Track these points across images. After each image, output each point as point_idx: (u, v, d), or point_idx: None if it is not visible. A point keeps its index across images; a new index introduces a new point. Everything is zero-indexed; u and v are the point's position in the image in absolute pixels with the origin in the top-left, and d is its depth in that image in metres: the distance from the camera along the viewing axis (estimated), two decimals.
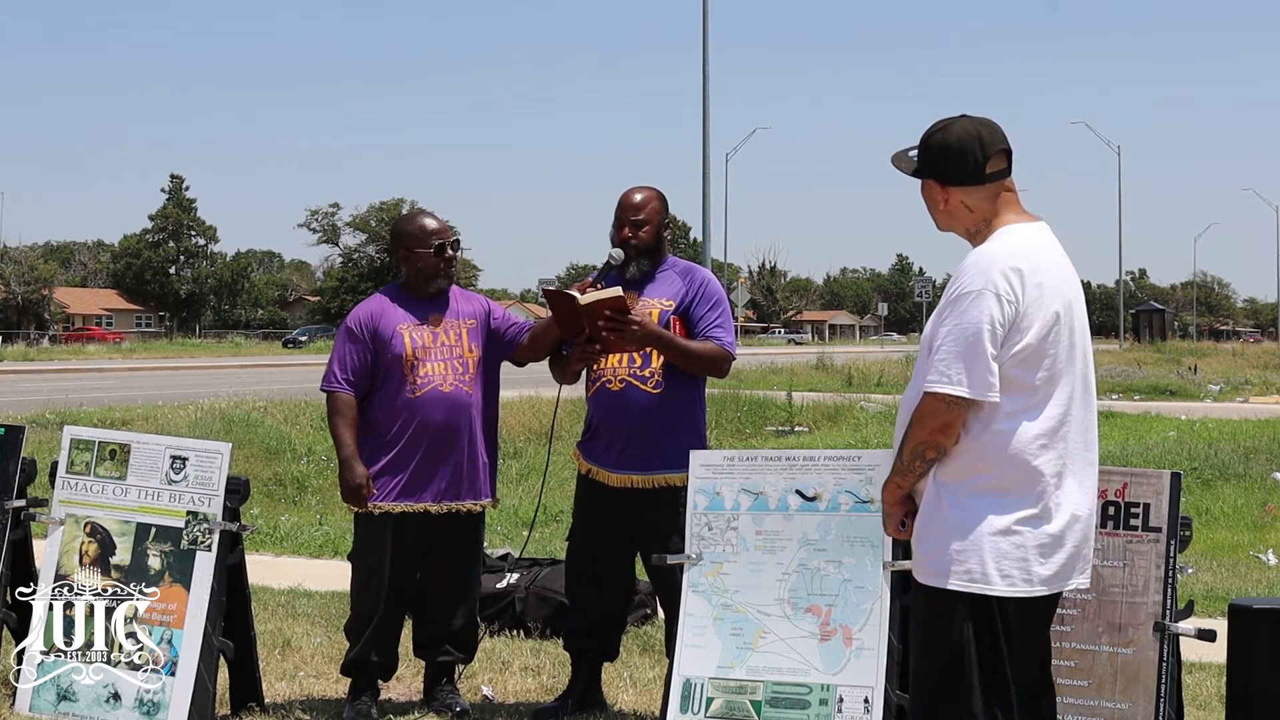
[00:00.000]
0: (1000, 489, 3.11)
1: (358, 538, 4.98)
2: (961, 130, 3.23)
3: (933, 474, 3.17)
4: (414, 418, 4.83)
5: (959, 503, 3.12)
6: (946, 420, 3.09)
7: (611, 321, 4.63)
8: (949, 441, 3.11)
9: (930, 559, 3.17)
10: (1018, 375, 3.10)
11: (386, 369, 4.87)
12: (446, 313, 4.98)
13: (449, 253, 4.99)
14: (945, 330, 3.10)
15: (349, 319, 4.99)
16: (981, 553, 3.09)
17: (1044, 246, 3.22)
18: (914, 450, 3.16)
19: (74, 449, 5.00)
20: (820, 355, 31.89)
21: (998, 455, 3.10)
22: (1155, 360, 36.69)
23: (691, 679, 4.32)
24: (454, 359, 4.91)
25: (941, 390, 3.07)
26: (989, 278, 3.08)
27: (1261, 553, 8.50)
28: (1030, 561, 3.11)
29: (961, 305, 3.09)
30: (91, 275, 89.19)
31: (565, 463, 12.43)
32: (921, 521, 3.22)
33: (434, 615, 5.01)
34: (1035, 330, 3.10)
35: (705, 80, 29.60)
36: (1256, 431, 14.80)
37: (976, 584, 3.10)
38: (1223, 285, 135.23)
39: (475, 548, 5.05)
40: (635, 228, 4.85)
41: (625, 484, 4.78)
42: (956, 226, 3.30)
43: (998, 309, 3.07)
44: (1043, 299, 3.12)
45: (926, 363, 3.16)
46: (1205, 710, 4.97)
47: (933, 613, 3.19)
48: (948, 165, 3.23)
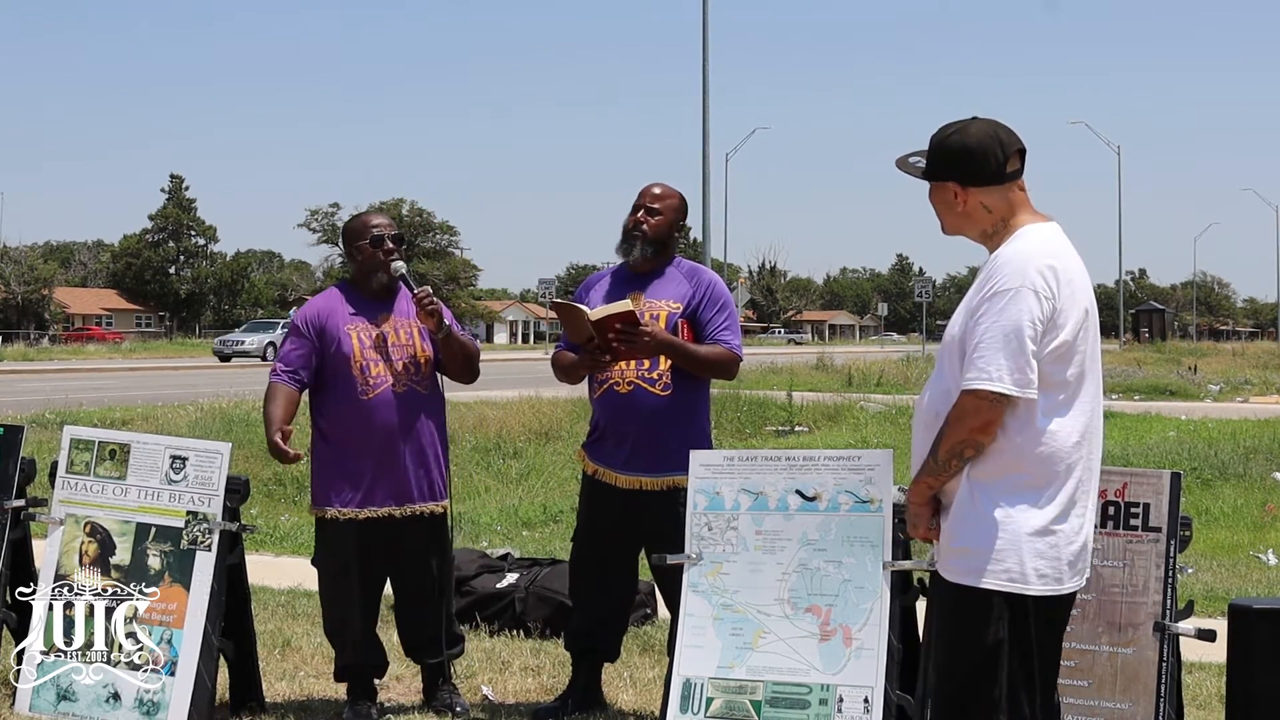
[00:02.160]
0: (1037, 488, 3.11)
1: (320, 544, 4.95)
2: (980, 131, 3.24)
3: (965, 473, 3.15)
4: (368, 421, 4.79)
5: (995, 501, 3.11)
6: (988, 418, 3.08)
7: (623, 334, 4.63)
8: (988, 440, 3.10)
9: (964, 558, 3.15)
10: (1052, 372, 3.10)
11: (335, 369, 4.83)
12: (395, 312, 4.95)
13: (387, 245, 4.92)
14: (984, 328, 3.09)
15: (296, 316, 4.99)
16: (1020, 552, 3.09)
17: (1066, 246, 3.24)
18: (951, 449, 3.13)
19: (74, 449, 4.99)
20: (820, 355, 31.89)
21: (1033, 454, 3.10)
22: (1155, 360, 36.70)
23: (691, 679, 4.32)
24: (407, 359, 4.88)
25: (983, 387, 3.05)
26: (1026, 275, 3.09)
27: (1261, 553, 8.49)
28: (1062, 560, 3.12)
29: (1000, 303, 3.09)
30: (91, 275, 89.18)
31: (565, 463, 12.51)
32: (954, 520, 3.19)
33: (414, 619, 5.00)
34: (1070, 327, 3.11)
35: (705, 80, 29.63)
36: (1256, 431, 14.79)
37: (1015, 584, 3.09)
38: (1223, 285, 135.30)
39: (443, 547, 5.02)
40: (649, 214, 4.87)
41: (634, 486, 4.77)
42: (971, 228, 3.29)
43: (1037, 306, 3.07)
44: (1074, 296, 3.14)
45: (955, 362, 3.15)
46: (1205, 710, 4.96)
47: (965, 612, 3.16)
48: (970, 166, 3.22)
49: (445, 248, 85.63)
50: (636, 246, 4.85)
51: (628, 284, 4.90)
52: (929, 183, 3.31)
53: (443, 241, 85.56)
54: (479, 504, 10.81)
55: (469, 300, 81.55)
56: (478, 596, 6.32)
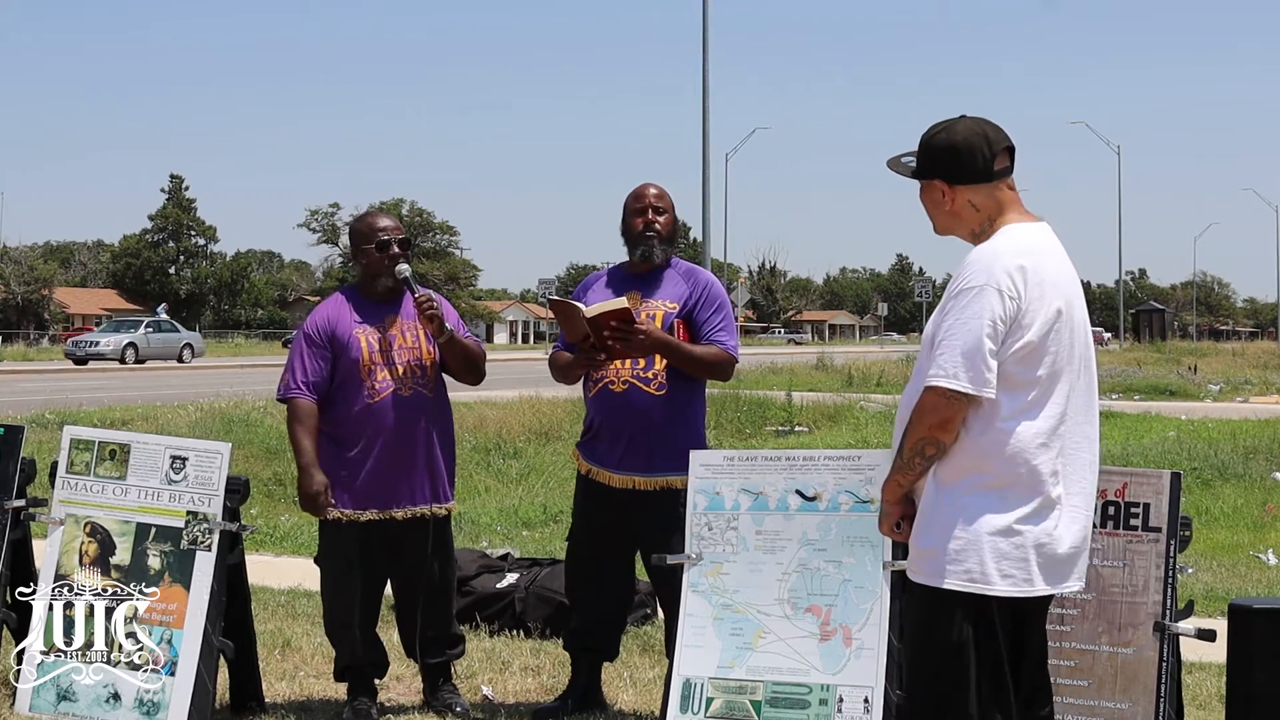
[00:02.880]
0: (1000, 488, 3.10)
1: (324, 544, 4.95)
2: (966, 129, 3.24)
3: (932, 473, 3.16)
4: (374, 424, 4.79)
5: (957, 502, 3.12)
6: (946, 416, 3.08)
7: (618, 332, 4.63)
8: (948, 438, 3.11)
9: (927, 558, 3.17)
10: (1018, 372, 3.09)
11: (344, 374, 4.83)
12: (401, 314, 4.95)
13: (393, 250, 4.92)
14: (947, 325, 3.10)
15: (307, 324, 4.94)
16: (981, 552, 3.09)
17: (1046, 245, 3.22)
18: (914, 446, 3.15)
19: (74, 449, 4.99)
20: (820, 355, 31.89)
21: (997, 454, 3.10)
22: (1155, 360, 36.67)
23: (691, 679, 4.32)
24: (413, 362, 4.88)
25: (942, 385, 3.06)
26: (992, 274, 3.09)
27: (1261, 553, 8.49)
28: (1030, 561, 3.10)
29: (964, 301, 3.09)
30: (91, 275, 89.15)
31: (565, 463, 12.50)
32: (920, 521, 3.21)
33: (415, 620, 5.00)
34: (1037, 328, 3.10)
35: (705, 80, 29.61)
36: (1256, 431, 14.78)
37: (976, 584, 3.09)
38: (1223, 285, 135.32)
39: (446, 550, 5.03)
40: (657, 213, 4.88)
41: (627, 485, 4.77)
42: (960, 228, 3.29)
43: (999, 305, 3.07)
44: (1044, 296, 3.12)
45: (927, 359, 3.16)
46: (1205, 710, 4.96)
47: (929, 613, 3.18)
48: (956, 164, 3.22)
49: (445, 248, 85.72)
50: (655, 247, 4.86)
51: (626, 284, 4.91)
52: (919, 182, 3.31)
53: (443, 241, 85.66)
54: (479, 504, 10.82)
55: (469, 300, 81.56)
56: (478, 596, 6.32)
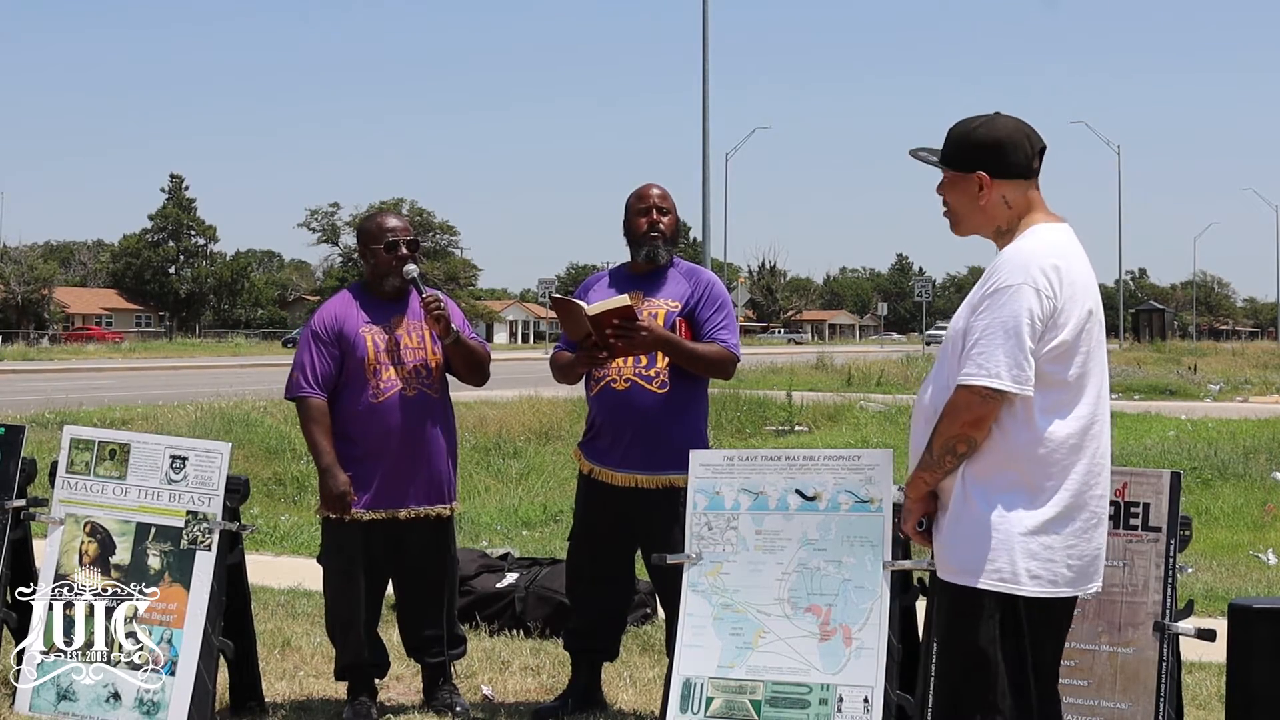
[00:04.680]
0: (1031, 488, 3.10)
1: (327, 543, 4.96)
2: (1009, 125, 3.23)
3: (961, 472, 3.14)
4: (379, 424, 4.79)
5: (989, 501, 3.11)
6: (981, 414, 3.07)
7: (620, 330, 4.63)
8: (981, 435, 3.09)
9: (958, 557, 3.15)
10: (1052, 371, 3.09)
11: (350, 373, 4.83)
12: (408, 314, 4.95)
13: (401, 250, 4.92)
14: (983, 323, 3.08)
15: (313, 322, 4.94)
16: (1012, 552, 3.08)
17: (1073, 247, 3.22)
18: (945, 444, 3.12)
19: (74, 449, 4.99)
20: (820, 355, 31.87)
21: (1029, 453, 3.09)
22: (1155, 360, 36.66)
23: (691, 679, 4.32)
24: (418, 362, 4.88)
25: (980, 383, 3.05)
26: (1028, 272, 3.08)
27: (1261, 553, 8.49)
28: (1058, 563, 3.10)
29: (1000, 299, 3.08)
30: (91, 275, 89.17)
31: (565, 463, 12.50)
32: (949, 520, 3.19)
33: (417, 620, 5.01)
34: (1071, 327, 3.10)
35: (705, 80, 29.58)
36: (1256, 431, 14.79)
37: (1006, 584, 3.08)
38: (1223, 285, 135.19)
39: (448, 549, 5.04)
40: (661, 213, 4.89)
41: (629, 484, 4.78)
42: (986, 224, 3.26)
43: (1036, 303, 3.06)
44: (1076, 297, 3.12)
45: (956, 358, 3.14)
46: (1205, 710, 4.96)
47: (959, 612, 3.16)
48: (1000, 158, 3.20)
49: (445, 248, 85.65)
50: (660, 247, 4.87)
51: (628, 284, 4.91)
52: (952, 174, 3.26)
53: (443, 241, 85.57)
54: (479, 504, 10.82)
55: (469, 300, 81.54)
56: (478, 596, 6.32)
